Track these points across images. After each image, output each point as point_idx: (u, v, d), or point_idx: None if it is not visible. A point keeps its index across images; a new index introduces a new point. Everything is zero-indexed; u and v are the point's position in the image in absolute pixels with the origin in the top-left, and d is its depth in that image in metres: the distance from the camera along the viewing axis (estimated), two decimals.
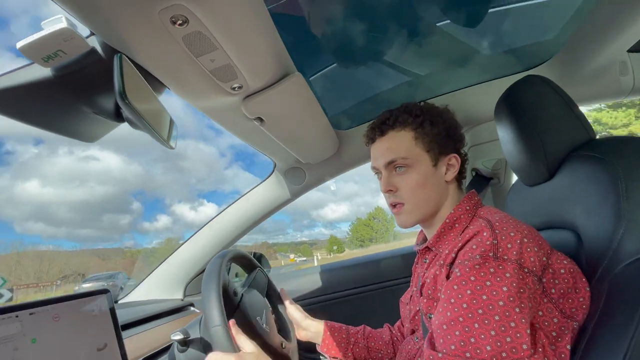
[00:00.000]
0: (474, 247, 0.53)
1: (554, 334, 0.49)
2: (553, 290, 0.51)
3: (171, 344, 0.75)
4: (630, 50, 0.99)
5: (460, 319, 0.48)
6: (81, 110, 0.50)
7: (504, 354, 0.44)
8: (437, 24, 0.99)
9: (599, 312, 0.50)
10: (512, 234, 0.52)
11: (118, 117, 0.50)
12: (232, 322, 0.59)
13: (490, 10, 0.97)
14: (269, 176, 1.21)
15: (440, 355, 0.48)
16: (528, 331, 0.45)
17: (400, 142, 0.66)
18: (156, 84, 0.57)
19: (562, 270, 0.52)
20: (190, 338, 0.71)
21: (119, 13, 0.41)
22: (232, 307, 0.69)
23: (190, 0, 0.40)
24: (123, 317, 0.88)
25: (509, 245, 0.51)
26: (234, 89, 0.59)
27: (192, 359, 0.69)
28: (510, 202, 0.90)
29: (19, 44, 0.40)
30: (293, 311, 0.85)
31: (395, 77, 1.17)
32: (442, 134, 0.66)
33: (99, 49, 0.47)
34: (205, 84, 0.57)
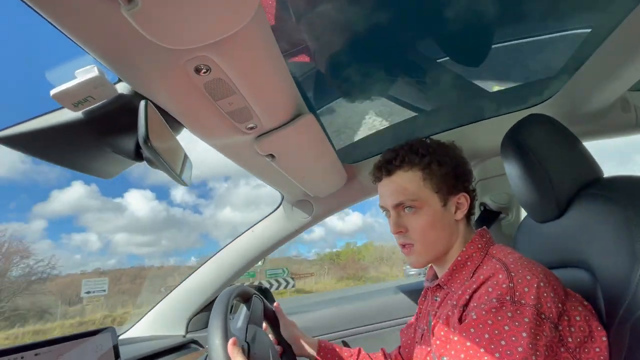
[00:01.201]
0: (490, 290, 0.52)
1: None
2: (570, 339, 0.50)
3: None
4: (632, 89, 1.02)
5: None
6: (103, 150, 0.52)
7: None
8: (440, 61, 1.03)
9: (625, 356, 0.48)
10: (528, 277, 0.51)
11: (137, 156, 0.52)
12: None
13: (494, 47, 1.01)
14: (277, 208, 1.21)
15: None
16: None
17: (409, 183, 0.66)
18: (174, 124, 0.60)
19: (578, 318, 0.51)
20: None
21: (148, 62, 0.44)
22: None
23: (214, 51, 0.43)
24: (124, 355, 0.85)
25: (526, 289, 0.50)
26: (249, 128, 0.62)
27: None
28: (520, 238, 0.89)
29: (53, 92, 0.43)
30: (289, 329, 0.83)
31: (402, 112, 1.20)
32: (450, 173, 0.66)
33: (125, 93, 0.50)
34: (222, 125, 0.59)
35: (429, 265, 0.76)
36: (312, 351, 0.83)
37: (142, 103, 0.44)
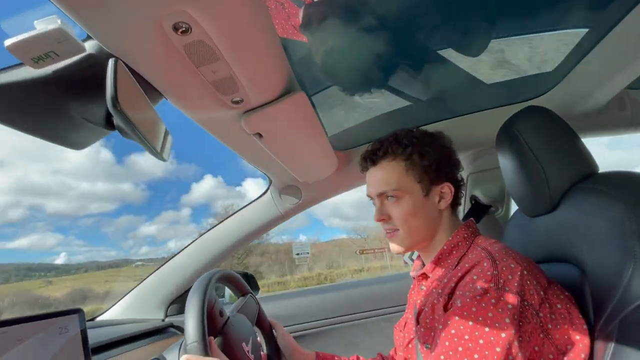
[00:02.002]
0: (475, 277, 0.52)
1: None
2: (550, 325, 0.50)
3: None
4: (628, 87, 1.01)
5: (460, 349, 0.47)
6: (69, 115, 0.47)
7: None
8: (439, 52, 1.00)
9: (610, 355, 0.47)
10: (512, 265, 0.52)
11: (108, 124, 0.47)
12: (211, 339, 0.55)
13: (492, 41, 0.99)
14: (264, 193, 1.17)
15: None
16: None
17: (391, 173, 0.67)
18: (153, 93, 0.55)
19: (559, 305, 0.51)
20: None
21: (120, 16, 0.39)
22: (217, 327, 0.65)
23: (195, 8, 0.38)
24: (96, 337, 0.81)
25: (510, 277, 0.50)
26: (234, 102, 0.57)
27: None
28: (510, 232, 0.88)
29: (8, 42, 0.38)
30: (284, 341, 0.81)
31: (397, 100, 1.17)
32: (432, 164, 0.66)
33: (94, 53, 0.45)
34: (205, 96, 0.54)
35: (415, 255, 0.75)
36: (310, 359, 0.81)
37: (111, 61, 0.39)
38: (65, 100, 0.45)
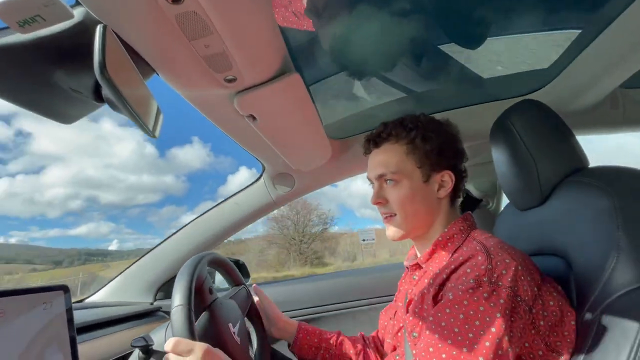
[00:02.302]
0: (468, 270, 0.52)
1: None
2: (542, 323, 0.50)
3: (132, 352, 0.68)
4: (622, 86, 1.02)
5: (449, 342, 0.46)
6: (56, 85, 0.46)
7: None
8: (436, 44, 1.00)
9: (589, 345, 0.48)
10: (507, 261, 0.51)
11: (97, 96, 0.46)
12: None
13: (489, 39, 1.00)
14: (257, 180, 1.17)
15: None
16: None
17: (392, 156, 0.66)
18: (144, 68, 0.53)
19: (551, 303, 0.51)
20: (153, 346, 0.65)
21: None
22: (205, 302, 0.65)
23: None
24: (82, 318, 0.81)
25: (504, 272, 0.50)
26: (227, 80, 0.56)
27: None
28: (500, 226, 0.89)
29: None
30: (268, 307, 0.82)
31: (392, 92, 1.16)
32: (434, 150, 0.65)
33: (83, 20, 0.43)
34: (197, 72, 0.53)
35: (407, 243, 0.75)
36: (293, 329, 0.83)
37: (100, 27, 0.38)
38: (51, 69, 0.44)
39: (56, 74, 0.45)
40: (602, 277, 0.50)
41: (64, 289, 0.59)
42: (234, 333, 0.67)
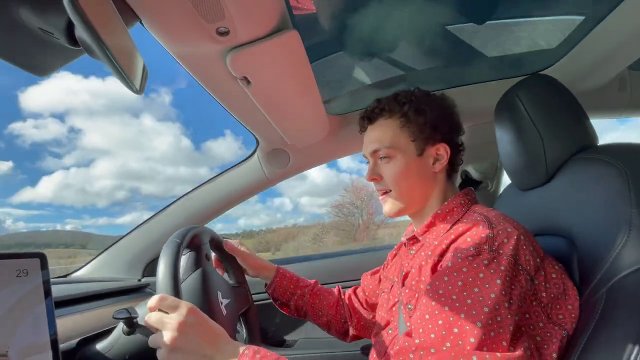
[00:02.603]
0: (469, 240, 0.50)
1: (538, 338, 0.46)
2: (544, 294, 0.48)
3: (116, 326, 0.65)
4: (630, 68, 0.99)
5: (446, 308, 0.45)
6: (23, 25, 0.40)
7: (484, 348, 0.41)
8: (441, 22, 0.96)
9: (595, 324, 0.45)
10: (509, 230, 0.50)
11: (70, 37, 0.41)
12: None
13: (495, 21, 0.96)
14: (250, 156, 1.12)
15: (417, 342, 0.45)
16: (511, 328, 0.43)
17: (386, 131, 0.66)
18: (125, 14, 0.48)
19: (554, 275, 0.50)
20: (137, 319, 0.62)
21: None
22: (199, 262, 0.65)
23: None
24: (66, 292, 0.77)
25: (506, 240, 0.48)
26: (219, 33, 0.51)
27: (141, 344, 0.60)
28: (499, 208, 0.87)
29: None
30: (247, 258, 0.82)
31: (394, 69, 1.12)
32: (428, 122, 0.63)
33: None
34: (186, 21, 0.48)
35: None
36: (271, 273, 0.83)
37: None
38: (15, 3, 0.38)
39: (22, 10, 0.39)
40: (609, 254, 0.48)
41: (41, 257, 0.55)
42: (221, 303, 0.65)
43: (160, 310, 0.49)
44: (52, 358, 0.51)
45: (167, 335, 0.46)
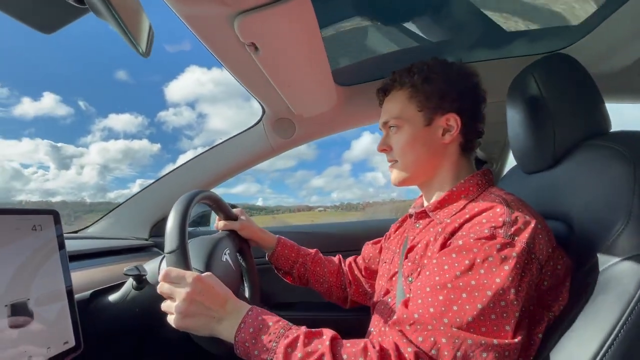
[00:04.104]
0: (484, 221, 0.49)
1: (526, 320, 0.47)
2: (545, 283, 0.48)
3: (125, 282, 0.69)
4: None
5: (449, 285, 0.45)
6: None
7: (483, 329, 0.42)
8: None
9: (580, 308, 0.47)
10: (527, 217, 0.49)
11: None
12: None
13: None
14: (256, 124, 1.12)
15: (415, 315, 0.45)
16: (517, 314, 0.43)
17: (397, 102, 0.66)
18: None
19: (559, 267, 0.49)
20: (147, 277, 0.66)
21: None
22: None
23: None
24: (77, 247, 0.81)
25: (522, 227, 0.47)
26: None
27: (149, 298, 0.64)
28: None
29: None
30: (247, 227, 0.84)
31: (407, 41, 1.08)
32: (435, 92, 0.62)
33: None
34: None
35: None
36: (272, 243, 0.86)
37: None
38: None
39: None
40: (605, 241, 0.48)
41: (54, 214, 0.58)
42: (225, 254, 0.70)
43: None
44: (69, 306, 0.55)
45: (178, 304, 0.50)
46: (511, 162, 1.19)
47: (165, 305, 0.52)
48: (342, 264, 0.90)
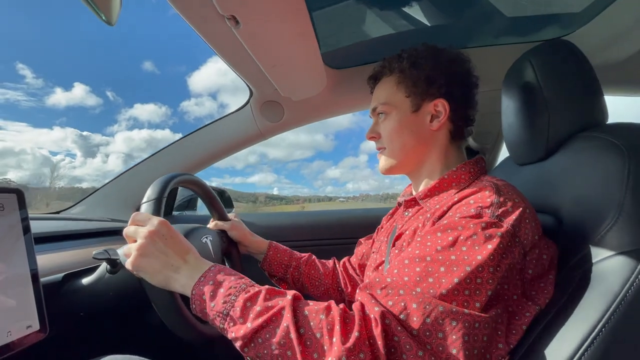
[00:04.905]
0: (472, 202, 0.48)
1: (510, 309, 0.46)
2: (530, 272, 0.47)
3: (98, 265, 0.67)
4: None
5: (428, 258, 0.44)
6: None
7: (454, 303, 0.41)
8: None
9: (564, 302, 0.46)
10: (516, 200, 0.47)
11: None
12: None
13: None
14: (243, 107, 1.08)
15: (388, 280, 0.44)
16: (489, 293, 0.42)
17: (385, 88, 0.65)
18: None
19: (545, 256, 0.48)
20: (119, 260, 0.64)
21: None
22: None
23: None
24: (53, 228, 0.78)
25: (510, 210, 0.46)
26: None
27: (124, 282, 0.62)
28: None
29: None
30: (237, 228, 0.83)
31: (403, 23, 1.04)
32: (422, 77, 0.60)
33: None
34: None
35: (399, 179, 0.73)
36: (263, 247, 0.84)
37: None
38: None
39: None
40: (593, 236, 0.47)
41: (17, 192, 0.54)
42: (206, 237, 0.70)
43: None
44: (33, 289, 0.53)
45: (138, 242, 0.49)
46: (504, 153, 1.17)
47: (126, 247, 0.52)
48: (337, 265, 0.88)
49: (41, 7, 31.73)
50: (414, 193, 0.66)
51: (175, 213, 1.27)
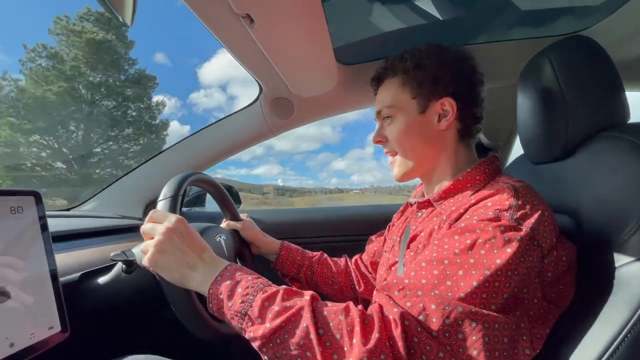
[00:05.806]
0: (490, 204, 0.47)
1: (531, 313, 0.45)
2: (549, 274, 0.46)
3: (114, 264, 0.67)
4: None
5: (446, 261, 0.44)
6: None
7: (473, 309, 0.40)
8: None
9: (589, 304, 0.46)
10: (535, 203, 0.47)
11: None
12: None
13: None
14: (252, 103, 1.07)
15: (406, 281, 0.44)
16: (505, 296, 0.42)
17: (389, 90, 0.64)
18: None
19: (564, 258, 0.47)
20: (136, 261, 0.64)
21: None
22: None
23: None
24: (67, 226, 0.79)
25: (529, 212, 0.45)
26: None
27: (140, 282, 0.62)
28: None
29: None
30: (249, 228, 0.84)
31: (415, 17, 1.01)
32: (428, 77, 0.59)
33: None
34: None
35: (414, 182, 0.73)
36: (275, 247, 0.84)
37: None
38: None
39: None
40: (617, 239, 0.46)
41: (35, 195, 0.54)
42: (220, 236, 0.71)
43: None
44: (53, 290, 0.53)
45: (155, 238, 0.49)
46: (517, 150, 1.15)
47: (143, 245, 0.52)
48: (349, 263, 0.88)
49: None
50: (425, 194, 0.65)
51: (184, 209, 1.27)
